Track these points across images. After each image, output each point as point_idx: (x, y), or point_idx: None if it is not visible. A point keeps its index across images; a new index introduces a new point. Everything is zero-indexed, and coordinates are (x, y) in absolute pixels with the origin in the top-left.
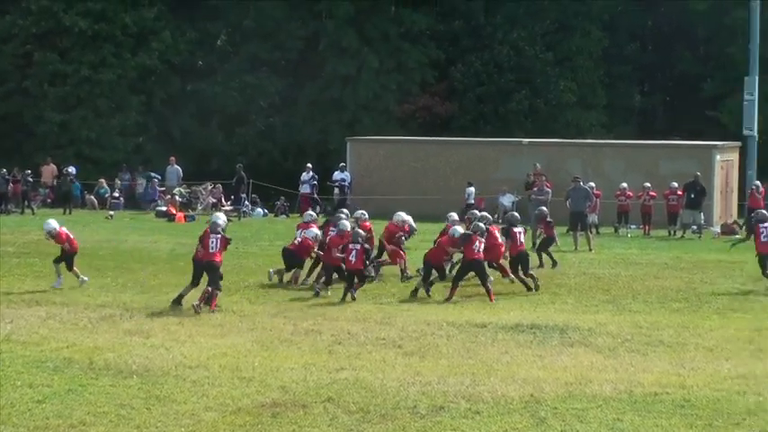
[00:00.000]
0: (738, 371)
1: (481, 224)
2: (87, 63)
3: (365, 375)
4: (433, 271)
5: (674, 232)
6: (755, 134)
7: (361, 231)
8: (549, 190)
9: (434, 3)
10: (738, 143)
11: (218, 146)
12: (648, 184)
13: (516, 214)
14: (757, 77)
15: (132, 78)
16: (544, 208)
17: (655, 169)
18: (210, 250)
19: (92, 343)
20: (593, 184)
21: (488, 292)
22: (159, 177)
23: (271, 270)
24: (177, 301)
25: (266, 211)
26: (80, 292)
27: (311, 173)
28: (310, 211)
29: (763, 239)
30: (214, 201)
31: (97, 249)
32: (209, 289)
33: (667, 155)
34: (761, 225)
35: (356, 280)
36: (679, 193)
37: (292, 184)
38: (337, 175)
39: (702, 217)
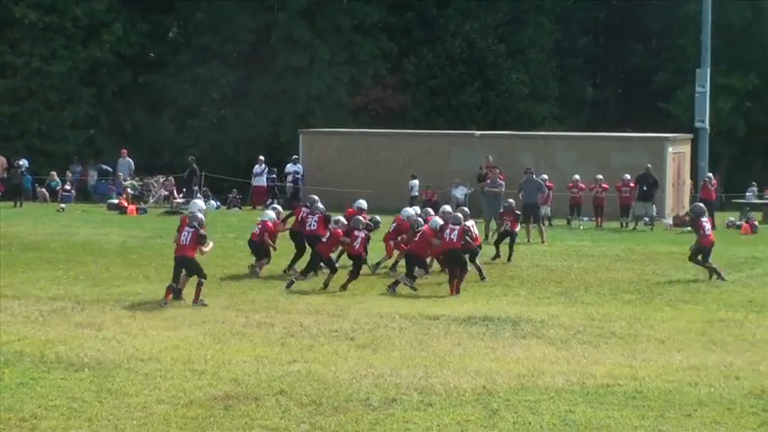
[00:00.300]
0: (690, 362)
1: (459, 213)
2: (38, 55)
3: (317, 368)
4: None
5: (627, 224)
6: (707, 126)
7: (360, 218)
8: (503, 182)
9: None
10: (690, 135)
11: (169, 138)
12: (601, 176)
13: (466, 209)
14: (709, 69)
15: (83, 71)
16: (512, 200)
17: (607, 161)
18: (182, 242)
19: (43, 336)
20: (545, 176)
21: (452, 283)
22: (111, 170)
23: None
24: (177, 296)
25: (219, 203)
26: (31, 285)
27: (264, 165)
28: (274, 204)
29: (706, 232)
30: (166, 193)
31: (48, 242)
32: (203, 281)
33: (619, 147)
34: (701, 219)
35: (351, 267)
36: (631, 185)
37: (245, 177)
38: (290, 167)
39: (654, 209)
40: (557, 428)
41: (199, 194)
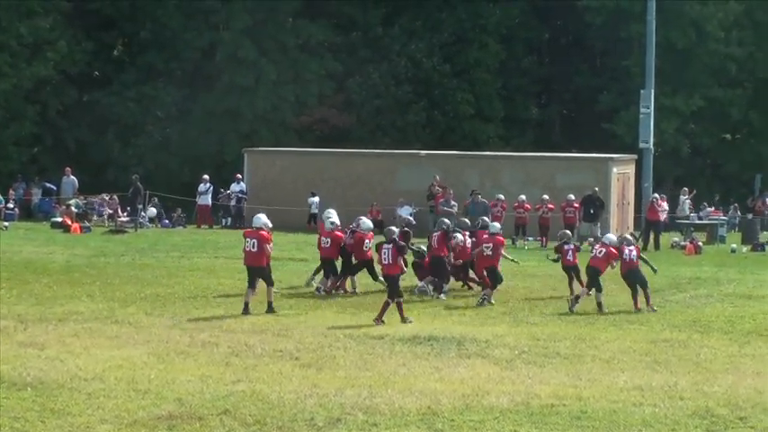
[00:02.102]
0: (634, 382)
1: (628, 235)
2: None
3: (262, 387)
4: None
5: None
6: (651, 147)
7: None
8: (455, 203)
9: (332, 14)
10: (634, 156)
11: (114, 157)
12: (546, 197)
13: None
14: (653, 91)
15: (28, 88)
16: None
17: (552, 181)
18: (384, 262)
19: None
20: (502, 196)
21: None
22: (55, 188)
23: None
24: (379, 319)
25: (163, 212)
26: None
27: (208, 184)
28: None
29: (568, 257)
30: (110, 212)
31: None
32: (397, 302)
33: (564, 167)
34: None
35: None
36: (575, 205)
37: (189, 195)
38: (234, 186)
39: (599, 229)
40: None
41: (143, 213)
